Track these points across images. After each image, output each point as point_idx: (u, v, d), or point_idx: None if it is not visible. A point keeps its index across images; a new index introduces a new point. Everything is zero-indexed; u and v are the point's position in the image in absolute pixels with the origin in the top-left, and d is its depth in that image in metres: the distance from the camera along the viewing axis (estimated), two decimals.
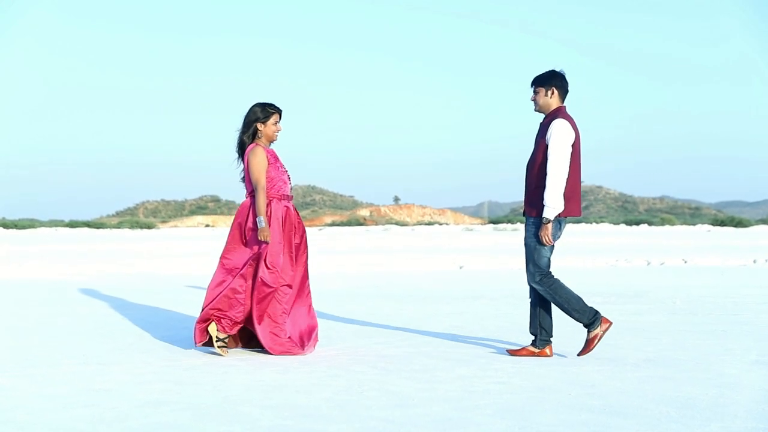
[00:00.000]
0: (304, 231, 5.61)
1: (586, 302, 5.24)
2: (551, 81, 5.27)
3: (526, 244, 5.31)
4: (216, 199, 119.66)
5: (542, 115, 5.33)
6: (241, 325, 5.40)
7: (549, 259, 5.26)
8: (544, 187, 5.13)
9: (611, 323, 5.26)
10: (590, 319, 5.20)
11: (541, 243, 5.19)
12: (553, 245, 5.24)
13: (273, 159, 5.49)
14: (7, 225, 46.32)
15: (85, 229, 44.27)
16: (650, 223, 53.19)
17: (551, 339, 5.38)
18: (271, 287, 5.31)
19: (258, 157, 5.40)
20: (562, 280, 5.41)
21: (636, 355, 5.35)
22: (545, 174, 5.13)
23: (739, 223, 49.23)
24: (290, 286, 5.40)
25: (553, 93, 5.26)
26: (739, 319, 7.21)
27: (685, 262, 15.76)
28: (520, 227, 45.13)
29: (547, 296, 5.26)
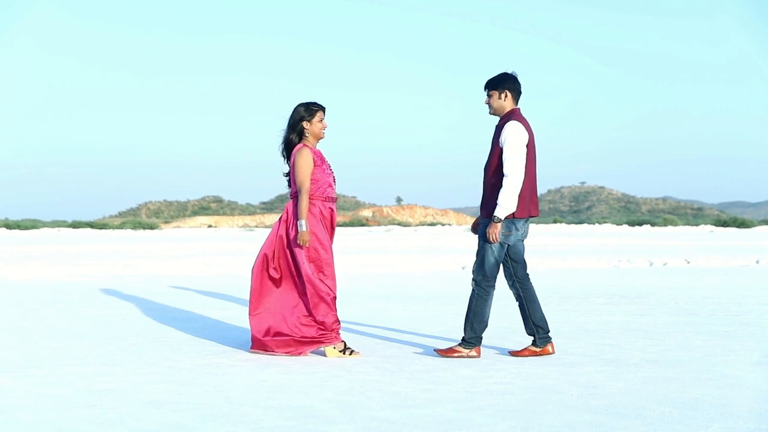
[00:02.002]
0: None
1: (484, 332, 5.31)
2: (504, 84, 5.29)
3: (478, 242, 5.33)
4: (218, 200, 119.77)
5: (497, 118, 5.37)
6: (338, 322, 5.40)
7: (496, 262, 5.24)
8: (500, 188, 5.15)
9: (479, 357, 5.29)
10: (470, 339, 5.28)
11: (488, 241, 5.20)
12: (502, 248, 5.23)
13: (320, 160, 5.45)
14: (9, 225, 46.39)
15: (88, 230, 44.33)
16: (653, 224, 53.12)
17: (550, 336, 5.38)
18: (328, 294, 5.35)
19: (304, 158, 5.36)
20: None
21: (638, 355, 5.35)
22: (501, 176, 5.16)
23: (741, 224, 49.15)
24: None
25: (506, 96, 5.29)
26: (741, 319, 7.20)
27: (688, 262, 15.74)
28: None
29: (471, 295, 5.29)
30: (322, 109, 5.51)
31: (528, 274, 5.41)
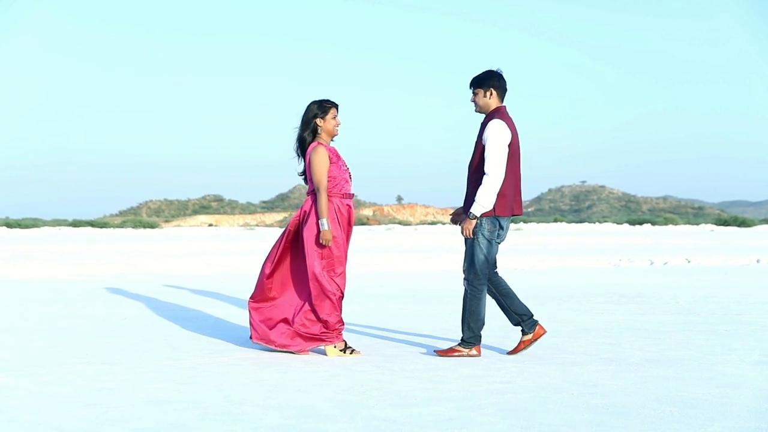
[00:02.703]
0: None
1: (482, 331, 5.31)
2: (489, 81, 5.30)
3: (465, 242, 5.33)
4: (219, 199, 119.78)
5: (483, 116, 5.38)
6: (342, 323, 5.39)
7: (485, 259, 5.23)
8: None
9: (479, 356, 5.29)
10: (470, 339, 5.29)
11: (476, 240, 5.21)
12: (490, 245, 5.24)
13: (335, 157, 5.46)
14: (10, 224, 46.38)
15: (89, 229, 44.31)
16: (653, 223, 53.10)
17: (535, 318, 5.38)
18: (334, 294, 5.34)
19: (320, 156, 5.37)
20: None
21: (639, 354, 5.35)
22: (482, 174, 5.16)
23: (742, 223, 49.11)
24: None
25: (491, 93, 5.29)
26: (742, 319, 7.20)
27: (689, 261, 15.73)
28: (524, 227, 45.09)
29: (465, 296, 5.29)
30: (336, 106, 5.52)
31: (497, 272, 5.42)
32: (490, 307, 8.18)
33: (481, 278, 5.24)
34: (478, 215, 5.16)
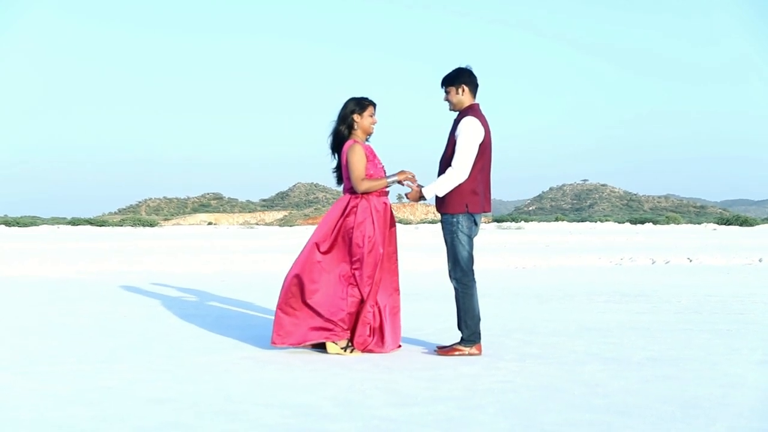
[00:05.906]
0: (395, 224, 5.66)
1: (479, 326, 5.28)
2: (459, 79, 5.30)
3: (445, 241, 5.32)
4: (218, 197, 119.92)
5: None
6: (347, 327, 5.34)
7: (470, 255, 5.24)
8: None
9: (480, 354, 5.27)
10: (469, 337, 5.26)
11: (456, 238, 5.21)
12: (470, 240, 5.25)
13: (371, 156, 5.48)
14: (8, 222, 46.42)
15: (87, 227, 44.34)
16: (655, 222, 53.12)
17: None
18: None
19: (357, 155, 5.37)
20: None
21: (640, 354, 5.33)
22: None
23: (744, 222, 49.12)
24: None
25: (463, 90, 5.30)
26: (744, 318, 7.18)
27: (690, 261, 15.70)
28: (525, 225, 45.06)
29: (456, 295, 5.27)
30: (373, 104, 5.54)
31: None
32: (488, 305, 8.17)
33: (468, 274, 5.25)
34: (428, 198, 5.22)
